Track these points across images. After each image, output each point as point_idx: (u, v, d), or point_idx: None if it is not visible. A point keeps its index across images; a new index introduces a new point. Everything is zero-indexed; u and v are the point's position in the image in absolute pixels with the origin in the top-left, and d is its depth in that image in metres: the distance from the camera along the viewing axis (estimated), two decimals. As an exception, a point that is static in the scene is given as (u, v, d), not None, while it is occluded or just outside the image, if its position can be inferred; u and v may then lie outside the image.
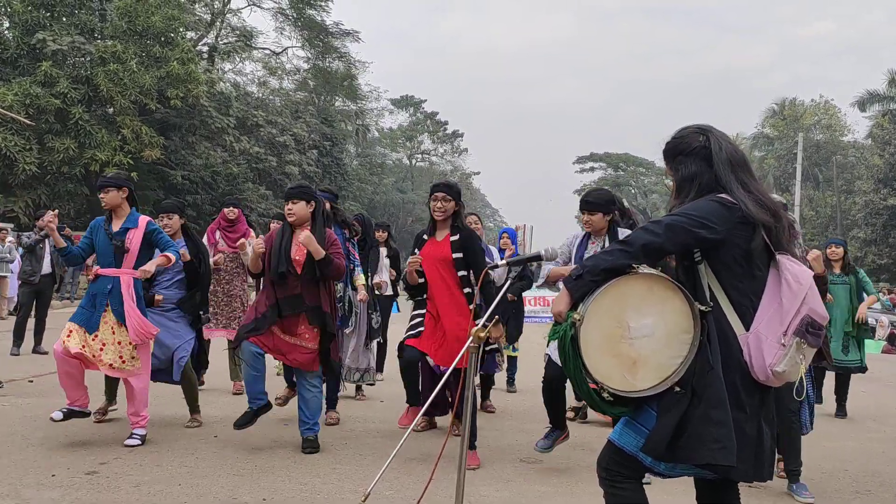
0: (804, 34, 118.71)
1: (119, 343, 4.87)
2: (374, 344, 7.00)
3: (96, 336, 4.86)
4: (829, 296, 6.45)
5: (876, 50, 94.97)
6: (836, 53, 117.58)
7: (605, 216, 4.69)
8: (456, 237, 4.81)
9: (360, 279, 6.27)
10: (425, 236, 4.97)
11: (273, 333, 4.87)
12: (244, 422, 4.96)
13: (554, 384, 4.65)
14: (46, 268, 9.56)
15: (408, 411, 5.18)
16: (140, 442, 4.92)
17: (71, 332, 4.85)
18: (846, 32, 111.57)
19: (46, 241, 9.45)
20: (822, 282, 4.54)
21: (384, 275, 7.64)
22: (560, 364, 2.47)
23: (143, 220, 5.07)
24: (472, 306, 4.74)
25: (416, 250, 4.98)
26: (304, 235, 4.85)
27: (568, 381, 2.73)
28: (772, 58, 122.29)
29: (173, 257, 5.03)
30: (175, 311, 5.46)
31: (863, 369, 7.42)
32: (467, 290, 4.79)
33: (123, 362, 4.89)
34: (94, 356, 4.84)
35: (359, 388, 7.24)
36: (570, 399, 5.28)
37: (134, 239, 4.96)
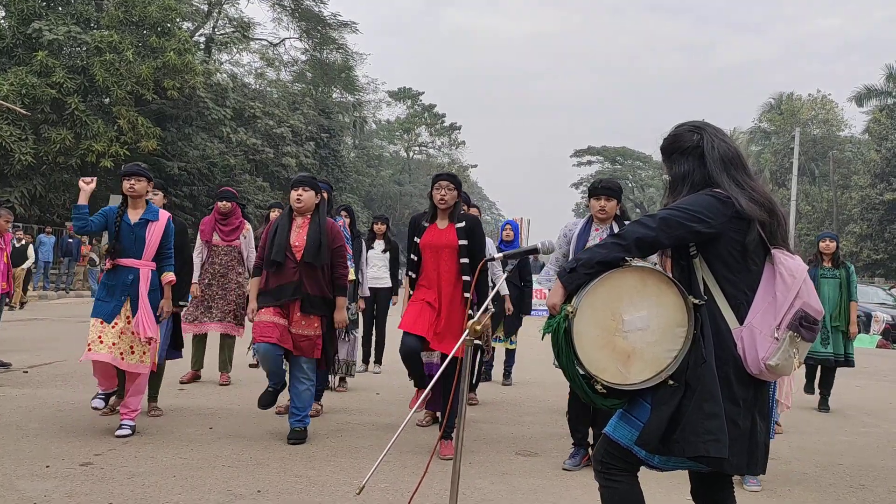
0: (809, 31, 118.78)
1: (133, 333, 4.90)
2: (356, 335, 6.96)
3: (115, 324, 4.88)
4: None
5: (881, 47, 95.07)
6: (842, 51, 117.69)
7: (617, 204, 4.86)
8: (462, 224, 4.89)
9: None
10: (425, 223, 4.98)
11: (276, 325, 4.88)
12: (267, 402, 5.01)
13: (581, 400, 4.59)
14: None
15: (417, 394, 5.08)
16: (131, 432, 4.92)
17: (101, 336, 4.83)
18: (851, 30, 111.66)
19: None
20: None
21: (366, 269, 7.61)
22: (554, 358, 2.46)
23: (165, 215, 5.16)
24: (467, 295, 4.77)
25: (415, 238, 4.98)
26: (339, 318, 5.04)
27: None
28: (776, 55, 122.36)
29: (173, 279, 5.16)
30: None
31: (842, 363, 7.42)
32: (465, 278, 4.83)
33: (133, 354, 4.91)
34: (111, 345, 4.85)
35: (342, 380, 7.21)
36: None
37: (154, 232, 5.02)
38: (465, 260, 4.84)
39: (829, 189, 41.61)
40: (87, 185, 4.92)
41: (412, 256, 5.00)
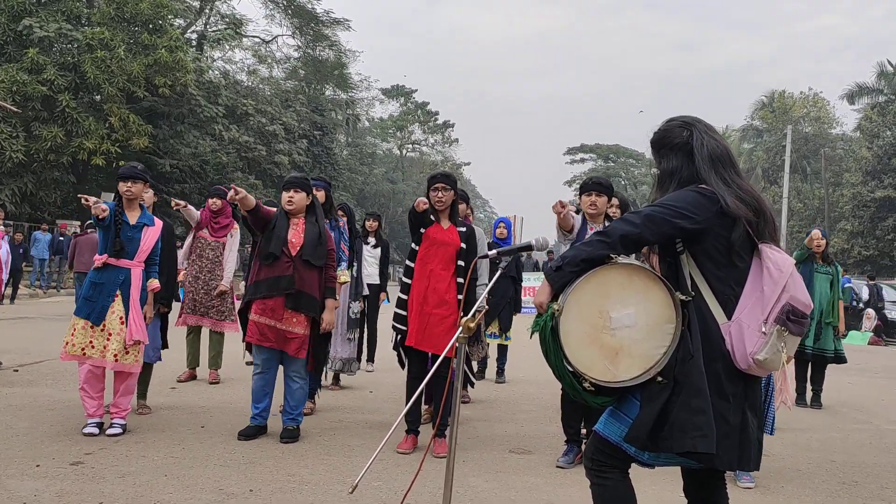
0: (805, 29, 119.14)
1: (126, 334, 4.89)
2: (356, 334, 6.95)
3: (104, 326, 4.84)
4: None
5: (878, 44, 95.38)
6: (837, 48, 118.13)
7: (608, 201, 4.89)
8: (463, 229, 5.03)
9: (341, 277, 6.22)
10: (432, 216, 5.00)
11: (262, 325, 4.90)
12: (249, 434, 5.00)
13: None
14: None
15: (406, 439, 4.89)
16: (122, 431, 4.90)
17: (74, 331, 4.83)
18: (848, 27, 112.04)
19: None
20: None
21: (366, 266, 7.58)
22: (543, 356, 2.45)
23: (159, 223, 5.21)
24: (460, 297, 4.79)
25: (421, 229, 4.96)
26: (328, 319, 5.08)
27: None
28: (772, 53, 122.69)
29: (158, 287, 5.16)
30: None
31: (833, 359, 7.48)
32: (460, 280, 4.88)
33: (127, 354, 4.89)
34: (103, 349, 4.83)
35: (336, 379, 7.18)
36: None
37: (149, 236, 5.04)
38: (461, 263, 4.91)
39: (820, 186, 41.76)
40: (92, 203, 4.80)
41: (413, 246, 5.00)
